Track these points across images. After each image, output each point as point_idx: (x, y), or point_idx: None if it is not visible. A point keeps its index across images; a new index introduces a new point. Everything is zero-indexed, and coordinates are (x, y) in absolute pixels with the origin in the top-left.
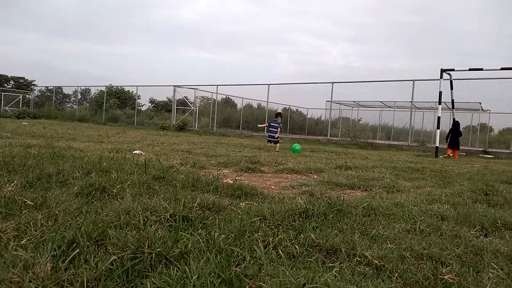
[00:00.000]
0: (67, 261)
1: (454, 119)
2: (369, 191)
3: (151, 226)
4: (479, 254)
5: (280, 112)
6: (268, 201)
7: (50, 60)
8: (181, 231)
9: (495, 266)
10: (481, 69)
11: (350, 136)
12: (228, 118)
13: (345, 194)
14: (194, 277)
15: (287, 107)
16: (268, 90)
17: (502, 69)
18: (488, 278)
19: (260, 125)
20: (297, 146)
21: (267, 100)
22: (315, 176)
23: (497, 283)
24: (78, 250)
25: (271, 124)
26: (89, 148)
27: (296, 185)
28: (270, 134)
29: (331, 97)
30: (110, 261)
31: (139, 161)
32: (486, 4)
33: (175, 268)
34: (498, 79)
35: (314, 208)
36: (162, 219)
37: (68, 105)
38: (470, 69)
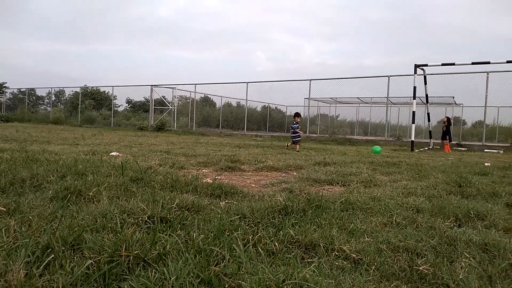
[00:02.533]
0: (41, 267)
1: (428, 114)
2: (347, 186)
3: (129, 229)
4: (453, 245)
5: (297, 112)
6: (248, 199)
7: (22, 61)
8: (159, 232)
9: (468, 256)
10: (453, 64)
11: (328, 132)
12: (207, 117)
13: (324, 190)
14: (172, 278)
15: (266, 105)
16: (247, 88)
17: (473, 63)
18: (461, 267)
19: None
20: (377, 148)
21: (246, 98)
22: (295, 173)
23: (469, 272)
24: (53, 256)
25: (292, 126)
26: (64, 151)
27: (276, 182)
28: (291, 135)
29: (309, 94)
30: (86, 265)
31: (116, 163)
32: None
33: (154, 270)
34: (470, 74)
35: (293, 205)
36: (140, 221)
37: (42, 108)
38: (442, 64)
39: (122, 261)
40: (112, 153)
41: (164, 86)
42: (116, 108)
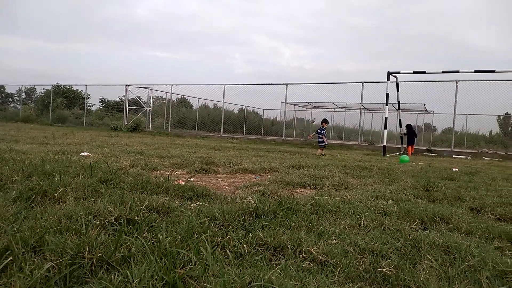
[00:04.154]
0: None
1: (400, 120)
2: (319, 189)
3: (93, 230)
4: (417, 247)
5: (325, 118)
6: (220, 201)
7: None
8: (125, 234)
9: (430, 258)
10: (425, 72)
11: (304, 136)
12: (183, 118)
13: (296, 192)
14: (135, 281)
15: (243, 107)
16: (224, 91)
17: (443, 72)
18: (423, 269)
19: (310, 136)
20: (405, 157)
21: (223, 100)
22: (269, 176)
23: (430, 273)
24: (11, 258)
25: (318, 131)
26: (32, 151)
27: (250, 185)
28: (318, 140)
29: (286, 98)
30: (46, 268)
31: (85, 163)
32: (430, 10)
33: (117, 273)
34: (440, 82)
35: (264, 207)
36: (107, 223)
37: (12, 105)
38: (414, 72)
39: (85, 263)
40: (83, 153)
41: (139, 86)
42: (89, 108)
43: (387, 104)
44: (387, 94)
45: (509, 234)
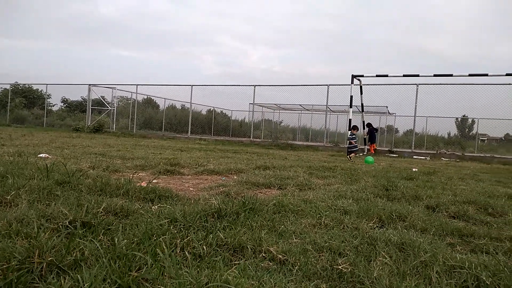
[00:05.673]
0: None
1: (363, 122)
2: (284, 189)
3: (45, 234)
4: (373, 244)
5: (355, 125)
6: (182, 203)
7: None
8: (80, 238)
9: (385, 255)
10: (387, 76)
11: (272, 137)
12: (149, 119)
13: (261, 193)
14: (86, 285)
15: (212, 108)
16: (191, 91)
17: (404, 75)
18: (377, 265)
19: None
20: (370, 158)
21: (191, 101)
22: (235, 177)
23: (383, 269)
24: None
25: (349, 136)
26: None
27: (214, 186)
28: (348, 145)
29: (253, 100)
30: None
31: (42, 165)
32: (393, 16)
33: (67, 277)
34: (401, 85)
35: (227, 208)
36: (60, 226)
37: None
38: (377, 75)
39: (35, 268)
40: (41, 155)
41: (103, 85)
42: (50, 108)
43: (351, 106)
44: (351, 97)
45: (461, 231)
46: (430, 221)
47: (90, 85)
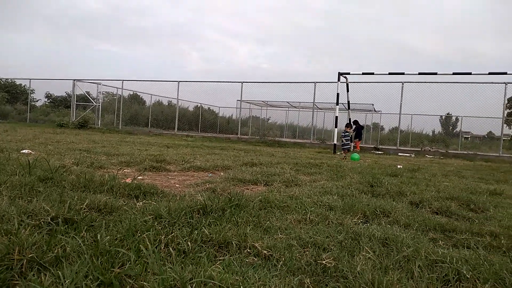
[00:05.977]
0: None
1: (349, 119)
2: (270, 185)
3: (26, 230)
4: (357, 239)
5: (348, 123)
6: (167, 199)
7: None
8: (62, 234)
9: (368, 250)
10: (373, 73)
11: (259, 134)
12: (135, 115)
13: (248, 189)
14: (67, 281)
15: (199, 105)
16: (178, 88)
17: (390, 73)
18: (360, 260)
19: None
20: (356, 155)
21: (177, 97)
22: (222, 173)
23: (366, 264)
24: None
25: (343, 134)
26: None
27: (201, 182)
28: (341, 143)
29: (241, 96)
30: None
31: (24, 161)
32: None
33: (48, 274)
34: (387, 83)
35: (213, 204)
36: (42, 223)
37: None
38: (363, 73)
39: (14, 265)
40: (24, 151)
41: (88, 81)
42: (33, 103)
43: (337, 103)
44: (338, 94)
45: (444, 226)
46: (413, 216)
47: (75, 80)
